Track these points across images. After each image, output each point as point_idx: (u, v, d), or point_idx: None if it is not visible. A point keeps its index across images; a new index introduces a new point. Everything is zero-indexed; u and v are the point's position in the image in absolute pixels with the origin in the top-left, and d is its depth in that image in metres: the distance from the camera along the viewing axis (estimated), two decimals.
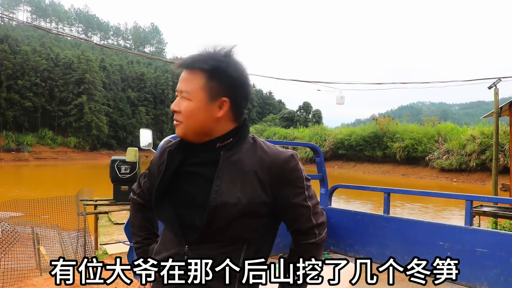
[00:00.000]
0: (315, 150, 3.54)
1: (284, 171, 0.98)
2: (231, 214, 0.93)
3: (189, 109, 0.97)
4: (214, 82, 0.96)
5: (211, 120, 0.97)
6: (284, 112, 58.47)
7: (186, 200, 0.99)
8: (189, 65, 0.97)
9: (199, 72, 0.96)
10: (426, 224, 3.08)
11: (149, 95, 55.98)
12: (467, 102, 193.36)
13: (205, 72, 0.96)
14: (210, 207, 0.93)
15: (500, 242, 2.58)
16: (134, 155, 6.61)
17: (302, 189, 1.00)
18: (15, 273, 4.16)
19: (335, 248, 3.43)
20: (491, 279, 2.56)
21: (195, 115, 0.96)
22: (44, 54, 47.39)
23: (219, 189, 0.94)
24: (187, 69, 0.98)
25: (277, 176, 0.97)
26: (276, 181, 0.97)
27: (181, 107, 0.98)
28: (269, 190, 0.97)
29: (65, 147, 44.39)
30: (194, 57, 0.98)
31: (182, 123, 0.98)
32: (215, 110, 0.97)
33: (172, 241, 1.01)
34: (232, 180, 0.95)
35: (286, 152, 1.00)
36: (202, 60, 0.96)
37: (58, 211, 6.61)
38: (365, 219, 3.31)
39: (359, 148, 29.67)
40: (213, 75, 0.95)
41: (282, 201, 0.99)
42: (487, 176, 19.71)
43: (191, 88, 0.96)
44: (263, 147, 1.00)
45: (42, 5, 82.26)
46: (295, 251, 1.04)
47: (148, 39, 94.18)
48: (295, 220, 1.01)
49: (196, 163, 1.01)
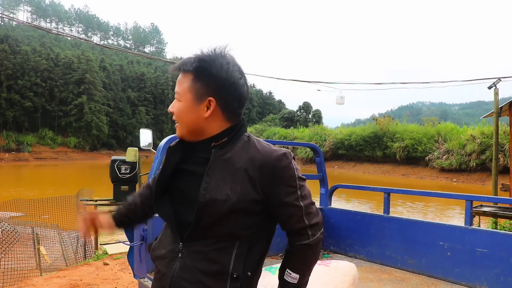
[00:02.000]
0: (315, 150, 3.53)
1: (276, 170, 0.97)
2: (220, 211, 0.94)
3: (179, 110, 1.01)
4: (199, 82, 0.98)
5: (200, 120, 1.00)
6: (284, 112, 58.50)
7: (181, 197, 1.02)
8: (178, 67, 1.02)
9: (188, 74, 1.00)
10: (426, 224, 3.08)
11: (149, 95, 56.00)
12: (467, 102, 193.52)
13: (191, 73, 0.99)
14: (199, 203, 0.95)
15: (500, 242, 2.58)
16: (134, 155, 6.61)
17: (294, 188, 0.99)
18: (15, 273, 4.16)
19: (335, 248, 3.43)
20: (491, 279, 2.56)
21: (185, 116, 1.01)
22: (44, 54, 47.41)
23: (208, 186, 0.96)
24: (180, 71, 1.02)
25: (268, 174, 0.96)
26: (268, 179, 0.96)
27: (174, 108, 1.03)
28: (259, 188, 0.96)
29: (65, 147, 44.42)
30: (185, 60, 1.02)
31: (178, 123, 1.03)
32: (203, 110, 0.99)
33: (170, 238, 1.04)
34: (223, 177, 0.96)
35: (279, 151, 1.00)
36: (189, 62, 0.99)
37: (58, 211, 6.62)
38: (365, 219, 3.30)
39: (359, 148, 29.68)
40: (198, 76, 0.98)
41: (274, 200, 0.98)
42: (487, 176, 19.71)
43: (181, 90, 1.01)
44: (256, 145, 1.01)
45: (42, 5, 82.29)
46: (289, 252, 1.04)
47: (148, 39, 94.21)
48: (287, 220, 1.00)
49: (192, 162, 1.04)
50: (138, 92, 55.53)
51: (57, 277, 3.77)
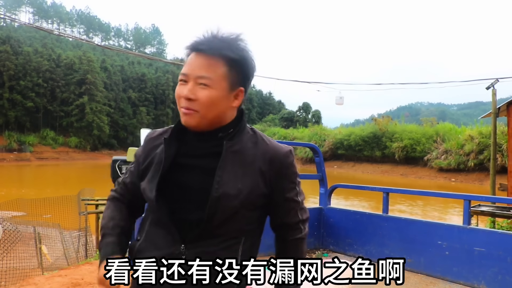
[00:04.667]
0: (315, 150, 3.56)
1: (283, 165, 0.97)
2: (233, 205, 0.90)
3: (210, 98, 0.90)
4: (235, 71, 0.92)
5: (228, 109, 0.94)
6: (284, 112, 58.49)
7: (180, 194, 0.94)
8: (210, 50, 0.90)
9: (220, 59, 0.90)
10: (424, 223, 3.10)
11: (149, 96, 56.02)
12: (465, 103, 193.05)
13: (227, 60, 0.91)
14: (212, 198, 0.89)
15: (497, 241, 2.60)
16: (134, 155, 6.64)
17: (295, 184, 1.01)
18: (17, 272, 4.18)
19: (334, 248, 3.45)
20: (489, 278, 2.58)
21: (216, 104, 0.91)
22: (46, 55, 47.46)
23: (220, 180, 0.90)
24: (205, 53, 0.90)
25: (276, 169, 0.96)
26: (275, 174, 0.96)
27: (198, 95, 0.90)
28: (269, 182, 0.95)
29: (66, 147, 44.46)
30: (213, 42, 0.91)
31: (197, 112, 0.91)
32: (232, 99, 0.94)
33: (163, 239, 0.93)
34: (233, 171, 0.92)
35: (286, 147, 1.01)
36: (226, 47, 0.91)
37: (59, 210, 6.64)
38: (364, 218, 3.33)
39: (358, 148, 29.67)
40: (235, 64, 0.92)
41: (278, 195, 0.98)
42: (485, 176, 19.71)
43: (214, 76, 0.90)
44: (264, 139, 0.99)
45: (44, 6, 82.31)
46: (284, 247, 1.02)
47: (149, 40, 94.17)
48: (285, 214, 1.01)
49: (191, 155, 0.96)
50: (139, 93, 55.56)
51: (58, 276, 3.79)
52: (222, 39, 0.92)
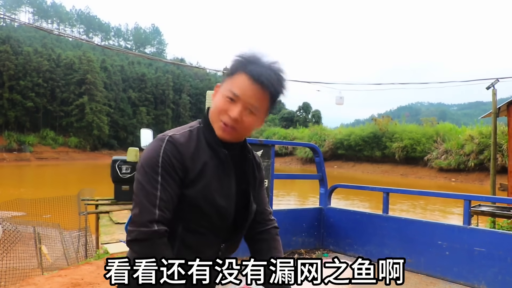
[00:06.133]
0: (315, 150, 3.56)
1: (261, 169, 1.20)
2: (255, 209, 1.12)
3: (252, 124, 1.02)
4: (275, 103, 1.07)
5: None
6: (284, 112, 58.44)
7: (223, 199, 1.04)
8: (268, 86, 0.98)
9: (269, 94, 1.01)
10: (424, 223, 3.10)
11: (149, 96, 56.05)
12: (465, 103, 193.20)
13: (273, 95, 1.02)
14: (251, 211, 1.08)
15: (498, 241, 2.60)
16: (135, 155, 6.65)
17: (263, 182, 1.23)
18: (17, 272, 4.18)
19: (334, 248, 3.45)
20: (489, 278, 2.58)
21: (253, 128, 1.05)
22: (46, 55, 47.47)
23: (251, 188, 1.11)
24: (262, 86, 0.98)
25: (260, 173, 1.19)
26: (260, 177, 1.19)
27: (244, 119, 0.99)
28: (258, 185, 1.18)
29: (66, 147, 44.48)
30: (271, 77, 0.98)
31: (236, 131, 1.01)
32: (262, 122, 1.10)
33: (205, 244, 1.02)
34: (253, 185, 1.13)
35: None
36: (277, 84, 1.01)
37: (59, 210, 6.64)
38: (364, 218, 3.33)
39: (358, 148, 29.70)
40: (275, 100, 1.05)
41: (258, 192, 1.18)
42: (485, 176, 19.74)
43: (261, 107, 1.01)
44: (249, 146, 1.15)
45: (44, 6, 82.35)
46: (267, 240, 1.15)
47: (149, 40, 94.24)
48: (264, 204, 1.20)
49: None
50: (138, 93, 55.59)
51: (58, 276, 3.79)
52: (274, 73, 1.00)
